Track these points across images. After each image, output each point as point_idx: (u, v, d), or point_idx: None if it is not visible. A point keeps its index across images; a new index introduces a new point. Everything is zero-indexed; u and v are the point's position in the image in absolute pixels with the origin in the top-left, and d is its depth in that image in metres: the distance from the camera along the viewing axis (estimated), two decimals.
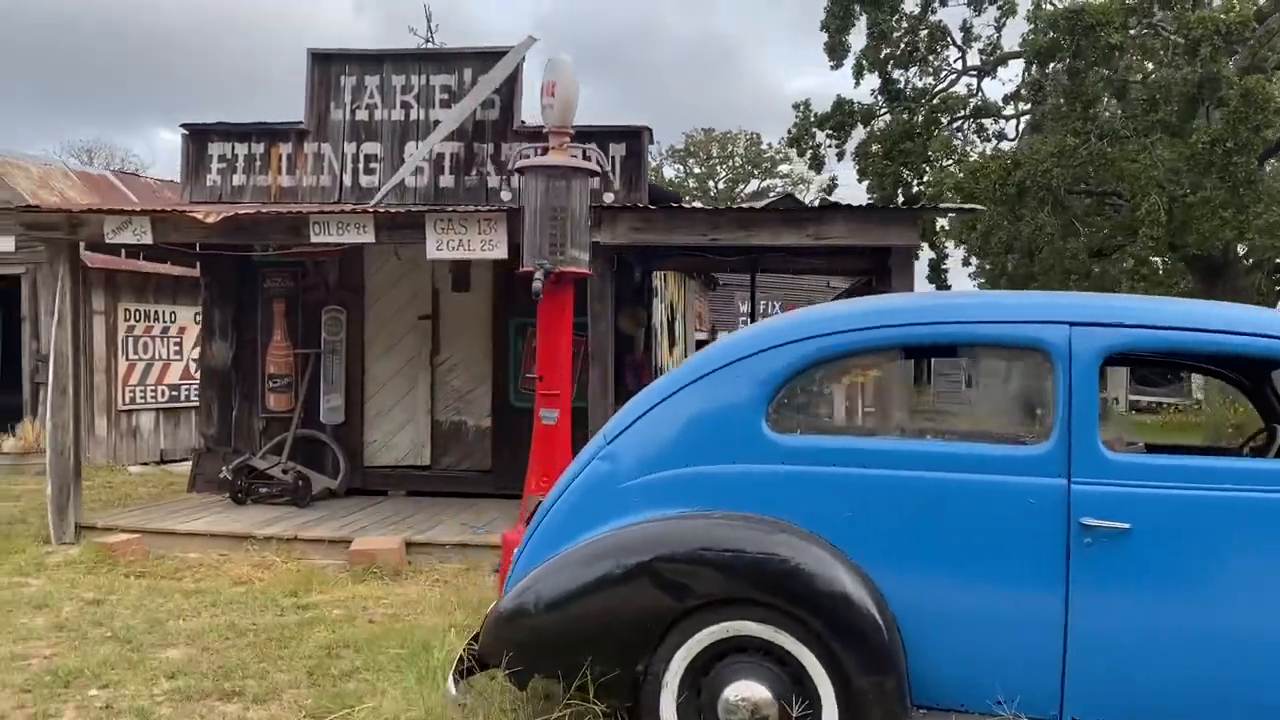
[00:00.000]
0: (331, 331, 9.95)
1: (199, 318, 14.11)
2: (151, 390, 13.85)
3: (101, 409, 13.19)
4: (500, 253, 7.36)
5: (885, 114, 26.62)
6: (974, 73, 28.08)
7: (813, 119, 26.40)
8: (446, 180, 9.59)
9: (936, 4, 24.77)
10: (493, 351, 9.85)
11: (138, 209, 7.90)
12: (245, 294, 10.14)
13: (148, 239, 7.72)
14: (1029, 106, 25.72)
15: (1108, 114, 18.96)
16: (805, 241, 7.14)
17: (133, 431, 13.64)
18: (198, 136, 9.90)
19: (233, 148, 9.85)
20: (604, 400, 7.45)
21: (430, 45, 10.84)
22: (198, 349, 13.49)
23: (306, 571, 7.33)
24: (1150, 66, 17.86)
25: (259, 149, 9.83)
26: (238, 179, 9.84)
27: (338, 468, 9.79)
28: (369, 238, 7.46)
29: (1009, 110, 28.15)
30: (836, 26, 20.93)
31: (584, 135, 9.32)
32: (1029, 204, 19.22)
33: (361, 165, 9.72)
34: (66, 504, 8.09)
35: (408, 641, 5.49)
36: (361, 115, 9.73)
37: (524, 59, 9.46)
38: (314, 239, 7.51)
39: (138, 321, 13.66)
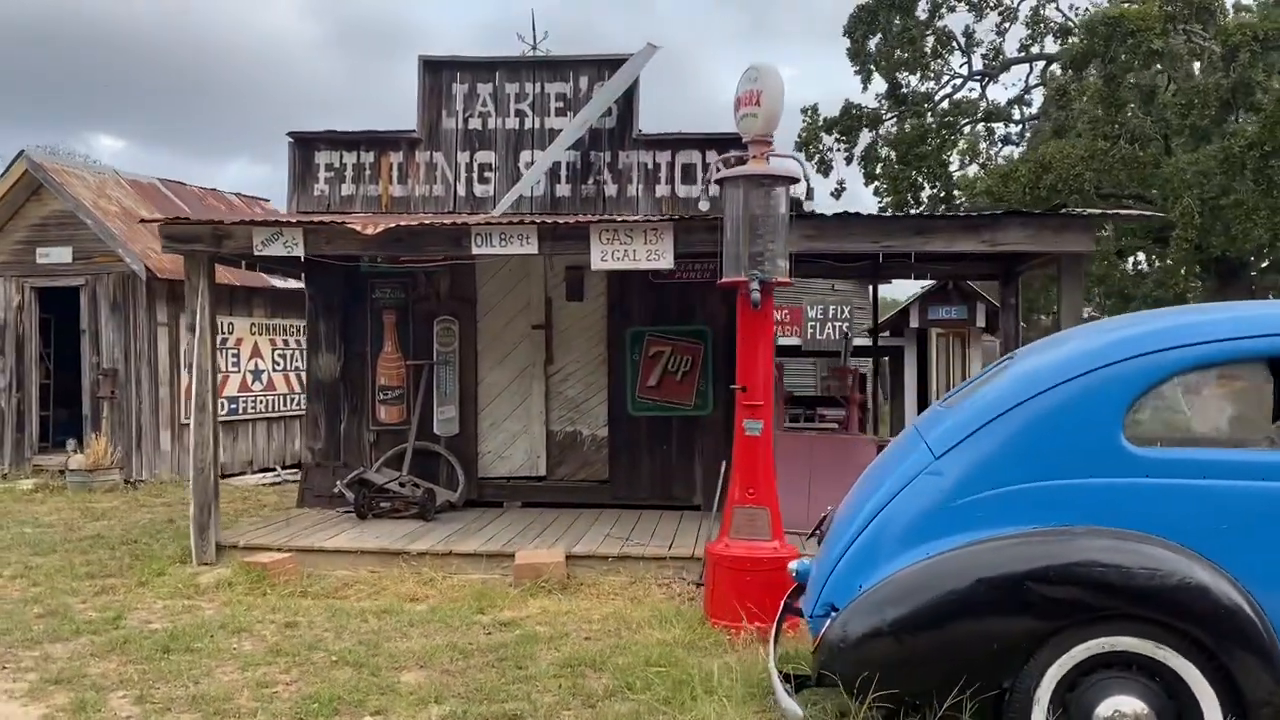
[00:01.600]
0: (444, 342, 9.82)
1: (254, 328, 13.94)
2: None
3: (166, 423, 12.91)
4: (666, 263, 7.31)
5: (892, 118, 26.91)
6: (978, 78, 28.52)
7: (821, 123, 26.59)
8: (563, 189, 9.53)
9: (944, 10, 25.07)
10: (608, 360, 9.78)
11: (290, 220, 7.73)
12: (353, 305, 9.97)
13: (299, 251, 7.57)
14: (1043, 111, 26.11)
15: (1134, 119, 19.29)
16: (979, 248, 7.17)
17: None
18: (304, 145, 9.74)
19: (340, 156, 9.71)
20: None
21: (537, 53, 10.69)
22: (253, 359, 13.34)
23: (475, 587, 7.22)
24: (1193, 71, 18.10)
25: (368, 158, 9.70)
26: (346, 188, 9.70)
27: (453, 480, 9.66)
28: (532, 249, 7.36)
29: (1015, 114, 28.64)
30: (863, 32, 21.07)
31: (720, 141, 9.37)
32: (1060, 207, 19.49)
33: (475, 174, 9.63)
34: (207, 523, 7.90)
35: (650, 659, 5.43)
36: (474, 124, 9.64)
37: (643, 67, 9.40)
38: (475, 251, 7.40)
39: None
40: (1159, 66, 17.82)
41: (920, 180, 25.15)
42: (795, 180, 6.36)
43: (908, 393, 14.06)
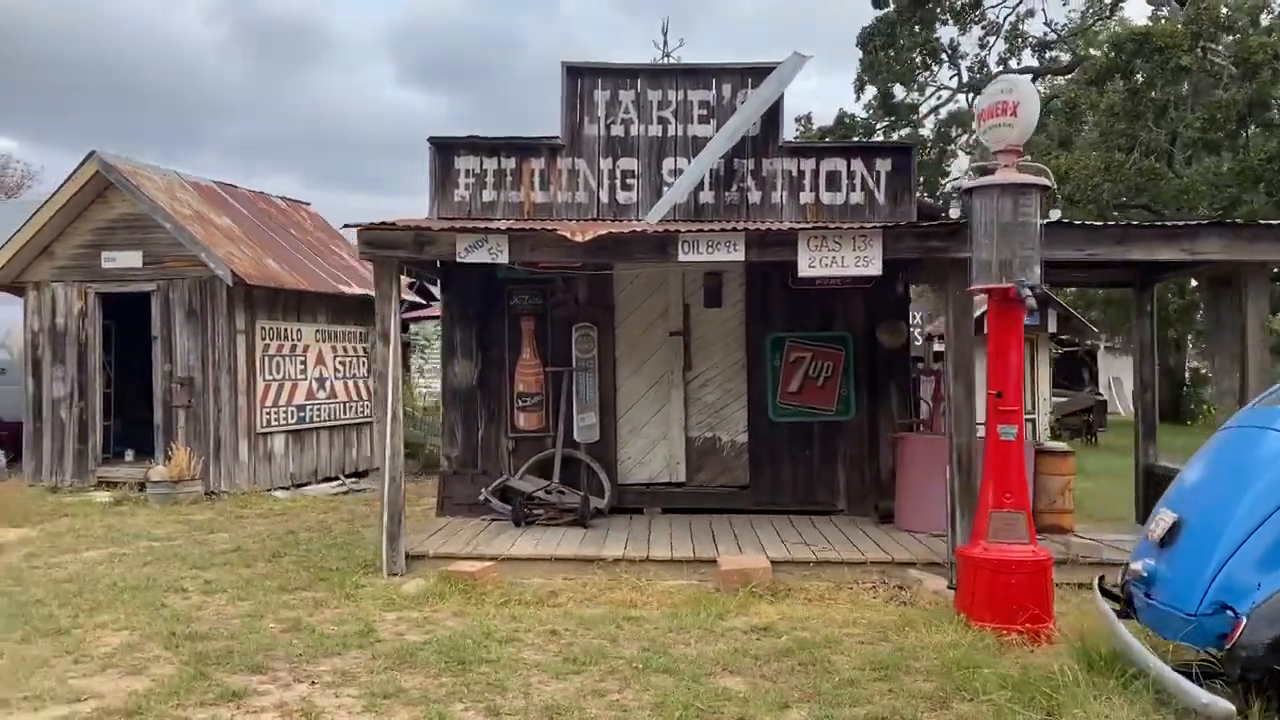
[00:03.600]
0: (583, 349, 9.78)
1: (318, 335, 13.70)
2: (283, 411, 13.28)
3: (244, 432, 12.58)
4: (875, 269, 7.42)
5: (884, 126, 27.44)
6: (966, 90, 29.27)
7: (815, 132, 27.00)
8: (706, 196, 9.59)
9: (935, 24, 25.62)
10: (747, 367, 9.85)
11: (496, 226, 7.64)
12: (490, 312, 9.87)
13: (503, 258, 7.50)
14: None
15: (1147, 132, 19.99)
16: (1179, 256, 7.42)
17: (268, 455, 13.05)
18: (444, 150, 9.63)
19: (481, 162, 9.63)
20: (968, 414, 7.55)
21: (669, 60, 10.72)
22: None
23: (687, 592, 7.24)
24: (1211, 87, 18.84)
25: (509, 164, 9.64)
26: (488, 194, 9.63)
27: (594, 486, 9.62)
28: (739, 256, 7.41)
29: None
30: (881, 43, 21.47)
31: (849, 150, 9.52)
32: (1078, 217, 20.11)
33: (618, 181, 9.63)
34: (398, 532, 7.77)
35: (947, 661, 5.51)
36: (617, 130, 9.64)
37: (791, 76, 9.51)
38: (682, 257, 7.42)
39: (271, 340, 13.08)
40: (1186, 83, 18.52)
41: (919, 190, 25.71)
42: (1049, 188, 6.51)
43: (978, 395, 14.31)
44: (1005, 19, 27.61)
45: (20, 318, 14.21)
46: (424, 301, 18.82)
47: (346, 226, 7.71)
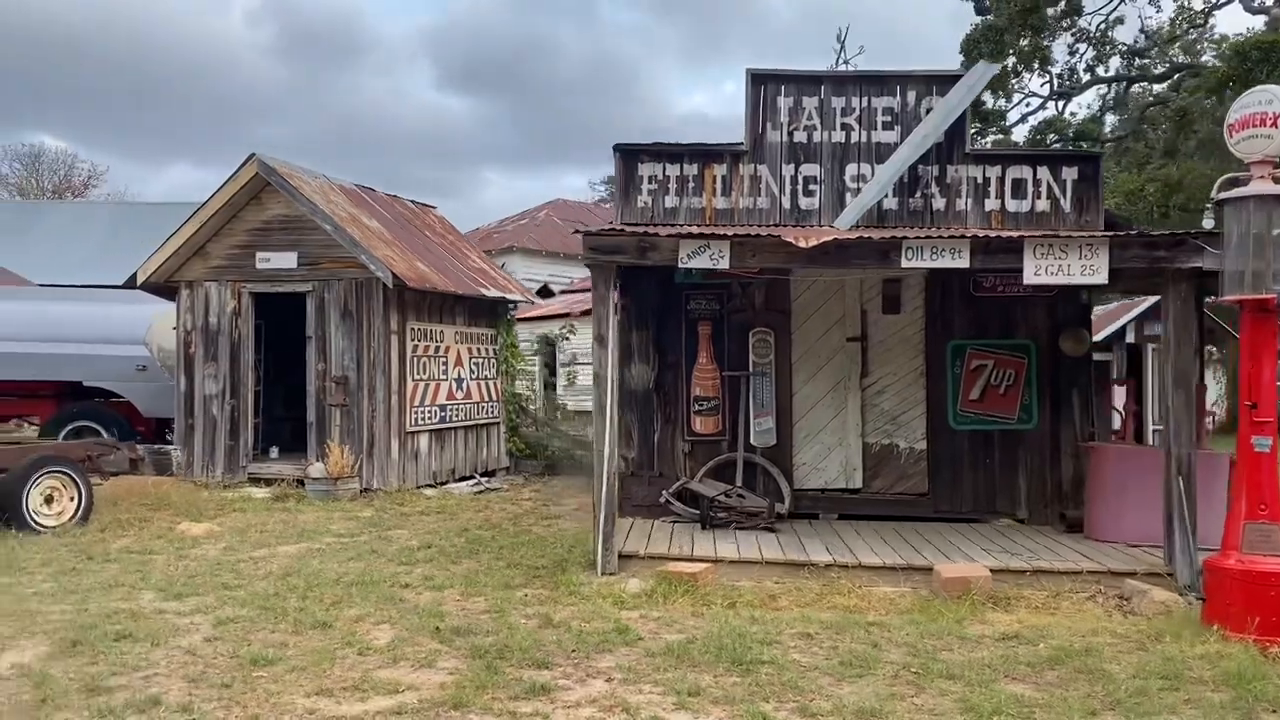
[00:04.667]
0: (760, 354, 9.84)
1: (457, 336, 13.87)
2: (428, 411, 13.47)
3: (395, 431, 12.78)
4: (1101, 278, 7.40)
5: (973, 132, 27.22)
6: (1056, 98, 29.02)
7: None
8: (889, 202, 9.59)
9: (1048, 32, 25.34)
10: (926, 373, 9.85)
11: (719, 232, 7.72)
12: (667, 316, 9.96)
13: (724, 264, 7.58)
14: (1130, 131, 26.57)
15: None
16: None
17: (414, 454, 13.24)
18: (628, 157, 9.73)
19: (664, 168, 9.71)
20: (1188, 425, 7.50)
21: (848, 66, 10.76)
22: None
23: (910, 599, 7.25)
24: None
25: (691, 170, 9.70)
26: (669, 200, 9.70)
27: (770, 490, 9.67)
28: (963, 262, 7.42)
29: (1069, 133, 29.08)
30: (990, 50, 21.33)
31: (1035, 158, 9.48)
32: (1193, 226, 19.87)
33: (800, 187, 9.66)
34: (612, 533, 7.86)
35: (1232, 672, 5.48)
36: (799, 137, 9.68)
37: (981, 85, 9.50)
38: (905, 264, 7.45)
39: (419, 341, 13.28)
40: None
41: None
42: None
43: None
44: (1097, 26, 27.40)
45: (158, 316, 14.59)
46: (539, 301, 18.96)
47: (576, 233, 7.81)
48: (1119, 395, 9.90)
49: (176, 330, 13.49)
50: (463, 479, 14.26)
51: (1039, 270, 7.42)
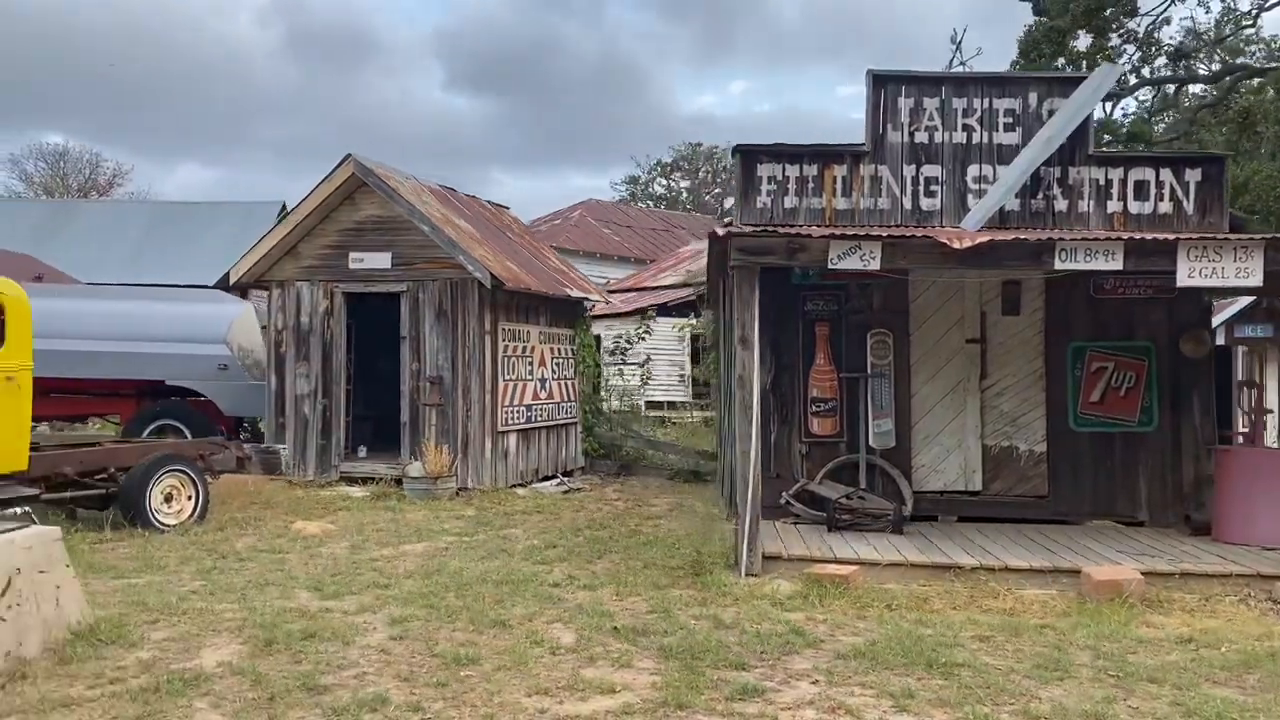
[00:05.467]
0: (879, 355, 9.83)
1: (541, 336, 13.90)
2: (516, 411, 13.50)
3: (488, 431, 12.81)
4: (1255, 280, 7.37)
5: None
6: (1105, 98, 28.89)
7: None
8: (1012, 204, 9.59)
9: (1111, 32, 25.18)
10: (1046, 375, 9.83)
11: (869, 233, 7.72)
12: (783, 317, 9.96)
13: (874, 265, 7.57)
14: (1184, 133, 26.46)
15: None
16: None
17: (504, 453, 13.27)
18: (747, 158, 9.75)
19: (783, 169, 9.72)
20: None
21: (964, 67, 10.75)
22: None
23: (1064, 601, 7.23)
24: None
25: (811, 170, 9.71)
26: (789, 201, 9.72)
27: (889, 492, 9.66)
28: (1116, 264, 7.40)
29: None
30: (1051, 51, 21.28)
31: (1158, 160, 9.44)
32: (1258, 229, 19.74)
33: (921, 188, 9.66)
34: (756, 534, 7.87)
35: None
36: (920, 138, 9.68)
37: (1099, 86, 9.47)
38: (1058, 265, 7.43)
39: (509, 341, 13.32)
40: None
41: None
42: None
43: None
44: (1144, 28, 27.28)
45: (238, 316, 14.65)
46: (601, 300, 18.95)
47: (727, 233, 7.81)
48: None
49: (267, 330, 13.55)
50: (545, 479, 14.29)
51: (1192, 273, 7.39)
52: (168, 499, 9.78)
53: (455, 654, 5.68)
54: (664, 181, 64.10)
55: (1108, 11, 21.81)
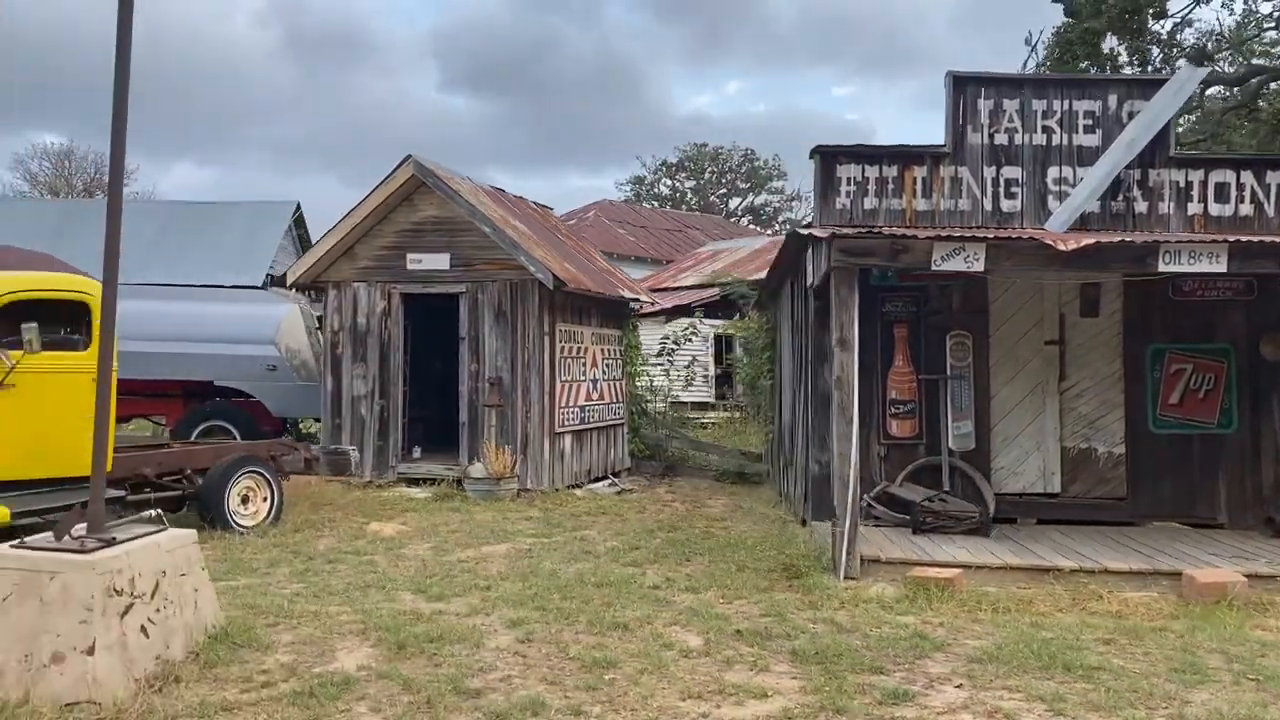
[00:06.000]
0: (958, 356, 9.82)
1: (593, 337, 13.88)
2: (571, 412, 13.49)
3: (547, 432, 12.80)
4: None
5: None
6: None
7: None
8: (1091, 205, 9.56)
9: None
10: (1124, 377, 9.82)
11: (973, 235, 7.71)
12: (862, 318, 9.87)
13: (979, 266, 7.56)
14: (1212, 134, 26.45)
15: None
16: None
17: (560, 454, 13.26)
18: (827, 159, 9.73)
19: (862, 170, 9.71)
20: None
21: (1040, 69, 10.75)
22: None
23: (1169, 605, 7.21)
24: None
25: (891, 172, 9.70)
26: (869, 202, 9.71)
27: (969, 494, 9.64)
28: (1220, 266, 7.39)
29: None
30: (1085, 53, 21.28)
31: (1239, 162, 9.44)
32: None
33: (1002, 190, 9.65)
34: (855, 537, 7.86)
35: None
36: (1000, 139, 9.68)
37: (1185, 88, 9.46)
38: (1162, 267, 7.43)
39: (565, 342, 13.30)
40: None
41: None
42: None
43: None
44: (1169, 31, 27.27)
45: (286, 316, 14.63)
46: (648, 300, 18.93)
47: (832, 235, 7.79)
48: None
49: (323, 330, 13.53)
50: (597, 479, 14.28)
51: None
52: (244, 500, 9.77)
53: (590, 657, 5.67)
54: (669, 182, 64.07)
55: (1147, 13, 21.81)
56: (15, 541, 4.95)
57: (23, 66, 56.08)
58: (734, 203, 64.07)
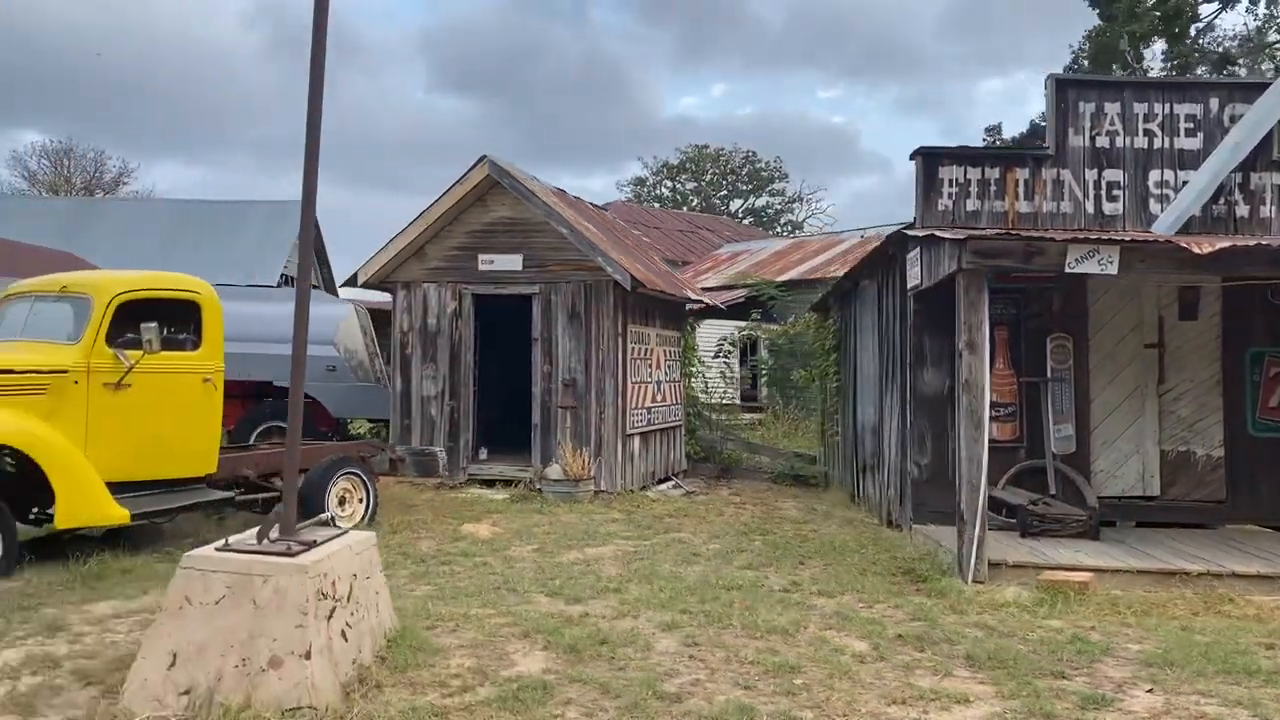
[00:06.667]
0: (1058, 359, 9.81)
1: (658, 339, 13.84)
2: (639, 414, 13.45)
3: (620, 434, 12.76)
4: None
5: None
6: None
7: (1011, 143, 26.88)
8: (1196, 208, 9.54)
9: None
10: (1222, 381, 9.82)
11: (1107, 237, 7.70)
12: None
13: (1112, 270, 7.53)
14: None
15: None
16: None
17: (630, 456, 13.22)
18: (929, 160, 9.72)
19: (964, 172, 9.70)
20: None
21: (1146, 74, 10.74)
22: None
23: None
24: None
25: (993, 174, 9.69)
26: (971, 204, 9.69)
27: (1070, 497, 9.64)
28: None
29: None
30: (1117, 61, 21.38)
31: None
32: None
33: (1104, 192, 9.65)
34: (984, 540, 7.83)
35: None
36: (1101, 142, 9.67)
37: None
38: None
39: (635, 344, 13.26)
40: None
41: None
42: None
43: None
44: (1193, 36, 27.42)
45: (344, 317, 14.55)
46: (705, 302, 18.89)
47: (965, 235, 7.77)
48: None
49: (392, 331, 13.46)
50: (660, 481, 14.24)
51: None
52: (341, 501, 9.70)
53: (768, 661, 5.63)
54: (670, 183, 64.01)
55: (1186, 16, 21.95)
56: (220, 543, 4.89)
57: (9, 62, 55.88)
58: (735, 204, 64.04)
